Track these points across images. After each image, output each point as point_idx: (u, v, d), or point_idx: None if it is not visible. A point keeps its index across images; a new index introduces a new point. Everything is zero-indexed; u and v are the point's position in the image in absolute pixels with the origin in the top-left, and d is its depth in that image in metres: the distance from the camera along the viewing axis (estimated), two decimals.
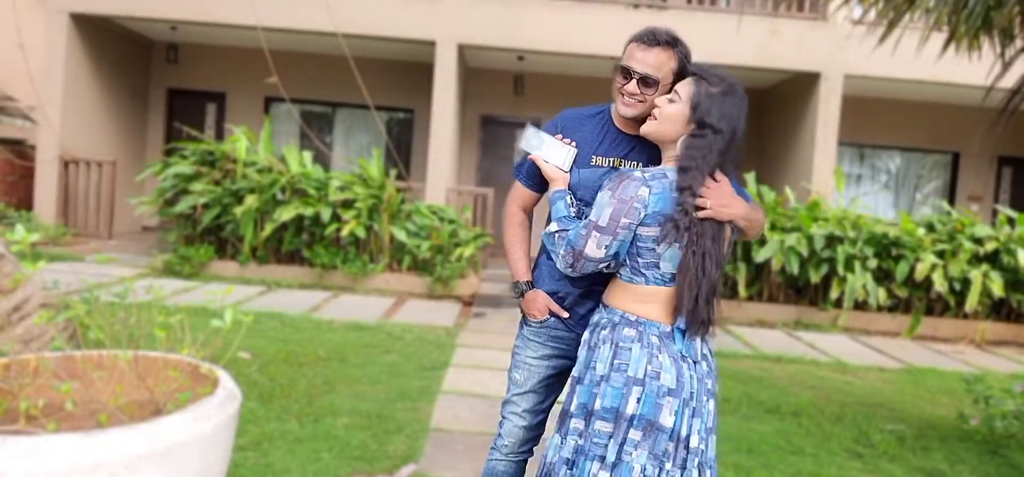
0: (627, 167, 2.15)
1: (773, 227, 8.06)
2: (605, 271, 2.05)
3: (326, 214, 7.93)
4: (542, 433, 2.43)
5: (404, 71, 11.64)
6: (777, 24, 9.57)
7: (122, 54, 11.06)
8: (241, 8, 9.22)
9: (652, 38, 2.10)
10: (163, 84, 12.08)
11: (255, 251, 8.35)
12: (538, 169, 2.24)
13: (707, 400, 2.04)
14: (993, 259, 8.07)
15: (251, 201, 7.96)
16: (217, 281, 7.91)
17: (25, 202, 10.30)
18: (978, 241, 8.13)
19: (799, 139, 10.37)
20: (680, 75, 2.11)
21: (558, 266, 2.08)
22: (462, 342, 6.05)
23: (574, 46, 9.66)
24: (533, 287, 2.31)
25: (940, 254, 8.03)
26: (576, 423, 2.01)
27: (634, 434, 1.92)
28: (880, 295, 7.87)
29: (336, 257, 8.20)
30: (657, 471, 1.93)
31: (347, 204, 8.23)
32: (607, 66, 10.45)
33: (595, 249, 1.96)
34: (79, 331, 3.17)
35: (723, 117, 1.97)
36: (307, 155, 8.68)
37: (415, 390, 4.54)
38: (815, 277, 7.93)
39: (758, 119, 12.09)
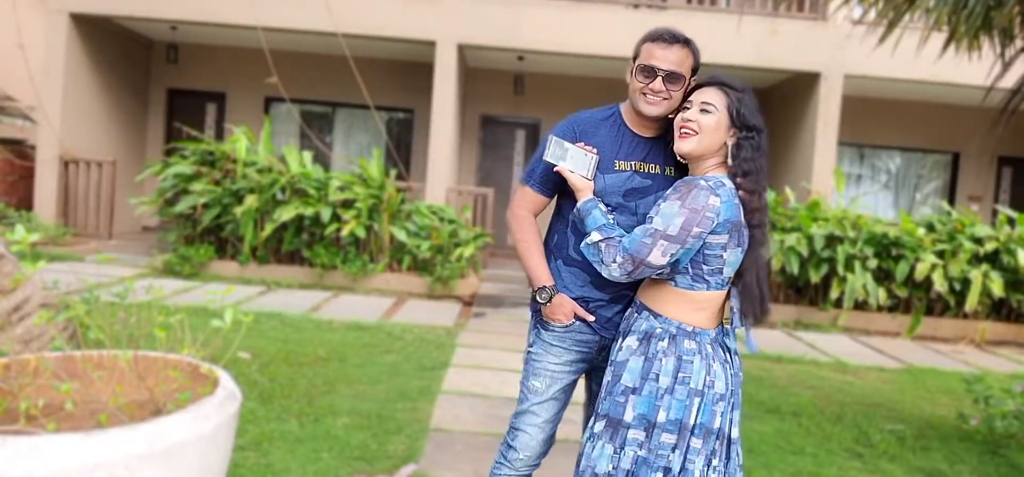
0: (648, 170, 2.16)
1: (773, 227, 8.06)
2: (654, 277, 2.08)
3: (326, 214, 7.93)
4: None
5: (404, 71, 11.64)
6: (777, 24, 9.57)
7: (122, 54, 11.06)
8: (241, 8, 9.22)
9: (672, 37, 2.12)
10: (163, 84, 12.08)
11: (255, 251, 8.35)
12: (553, 174, 2.17)
13: (738, 390, 2.12)
14: (993, 259, 8.07)
15: (251, 201, 7.96)
16: (217, 281, 7.91)
17: (25, 202, 10.30)
18: (978, 241, 8.13)
19: (799, 139, 10.37)
20: (693, 73, 2.14)
21: (606, 274, 2.01)
22: (462, 342, 6.05)
23: (574, 46, 9.66)
24: (557, 292, 2.22)
25: (940, 254, 8.03)
26: (635, 434, 1.98)
27: (695, 442, 1.98)
28: (880, 295, 7.86)
29: (336, 257, 8.20)
30: (706, 468, 2.00)
31: (347, 204, 8.23)
32: (607, 66, 10.46)
33: (660, 257, 1.94)
34: (79, 331, 3.17)
35: (757, 114, 2.04)
36: (307, 155, 8.68)
37: (415, 390, 4.54)
38: (815, 277, 7.93)
39: None
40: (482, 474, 3.36)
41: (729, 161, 2.01)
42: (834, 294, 7.95)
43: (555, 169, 2.13)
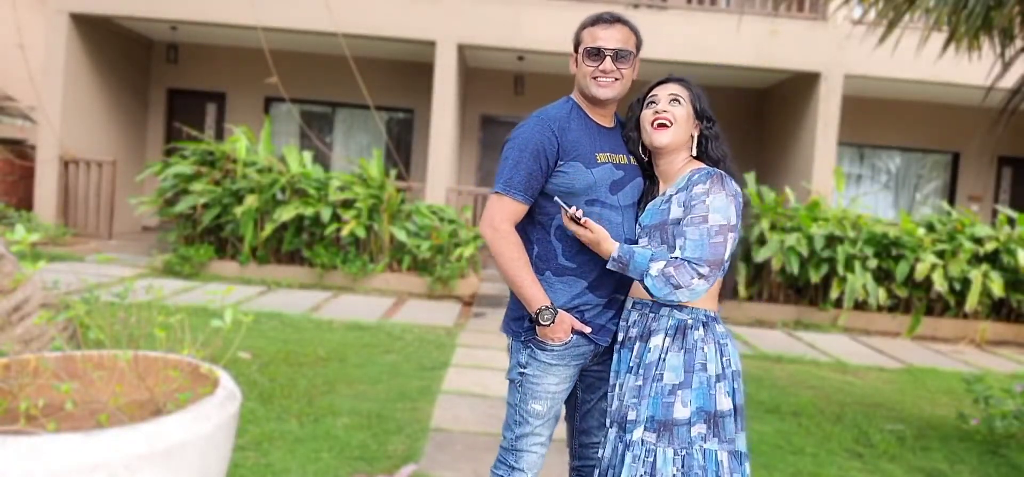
0: (620, 161, 2.15)
1: (773, 227, 8.06)
2: None
3: (326, 214, 7.93)
4: None
5: (404, 71, 11.64)
6: (777, 24, 9.57)
7: (122, 54, 11.06)
8: (241, 8, 9.22)
9: (611, 17, 2.13)
10: (163, 84, 12.08)
11: (255, 251, 8.35)
12: (537, 179, 2.07)
13: None
14: (993, 259, 8.07)
15: (251, 201, 7.96)
16: (217, 281, 7.91)
17: (25, 202, 10.30)
18: (978, 241, 8.13)
19: (799, 139, 10.37)
20: (638, 50, 2.19)
21: (689, 295, 1.92)
22: (462, 342, 6.05)
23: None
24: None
25: (940, 254, 8.03)
26: (698, 429, 1.95)
27: (741, 422, 2.04)
28: (880, 295, 7.86)
29: (336, 257, 8.20)
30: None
31: (347, 204, 8.23)
32: None
33: (729, 250, 1.95)
34: (79, 331, 3.17)
35: (712, 111, 2.12)
36: (307, 155, 8.68)
37: (415, 390, 4.54)
38: (815, 277, 7.93)
39: (758, 119, 12.08)
40: (482, 474, 3.36)
41: (693, 151, 2.08)
42: (834, 294, 7.95)
43: (582, 222, 2.01)
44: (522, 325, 2.16)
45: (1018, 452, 4.16)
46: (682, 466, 1.94)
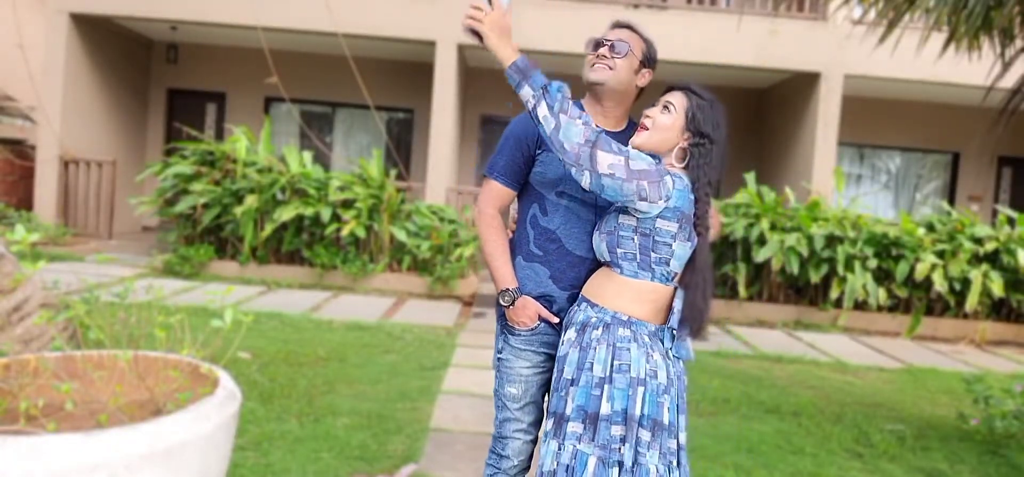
0: None
1: (773, 227, 8.06)
2: (605, 259, 2.06)
3: (326, 214, 7.93)
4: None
5: (404, 71, 11.64)
6: (777, 24, 9.56)
7: (122, 54, 11.06)
8: (241, 8, 9.22)
9: (618, 23, 2.27)
10: (163, 84, 12.08)
11: (255, 251, 8.35)
12: (519, 165, 2.18)
13: (683, 394, 2.09)
14: (993, 259, 8.07)
15: (251, 201, 7.96)
16: (217, 281, 7.91)
17: (25, 202, 10.30)
18: (978, 241, 8.13)
19: (799, 139, 10.37)
20: (647, 61, 2.22)
21: (574, 132, 1.87)
22: (462, 342, 6.05)
23: (573, 46, 9.65)
24: (521, 293, 2.21)
25: (940, 254, 8.03)
26: (574, 427, 1.96)
27: (643, 434, 1.94)
28: (880, 295, 7.86)
29: (336, 257, 8.20)
30: (667, 470, 1.98)
31: (347, 204, 8.23)
32: None
33: (605, 166, 1.86)
34: (79, 331, 3.17)
35: (717, 126, 2.03)
36: (307, 155, 8.68)
37: (415, 390, 4.54)
38: (815, 277, 7.93)
39: (758, 119, 12.08)
40: (482, 474, 3.36)
41: (674, 162, 2.05)
42: (834, 294, 7.95)
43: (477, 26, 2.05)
44: (499, 309, 2.28)
45: (1018, 452, 4.16)
46: (558, 461, 1.98)
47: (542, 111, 1.90)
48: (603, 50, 2.17)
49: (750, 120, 12.02)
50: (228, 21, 9.52)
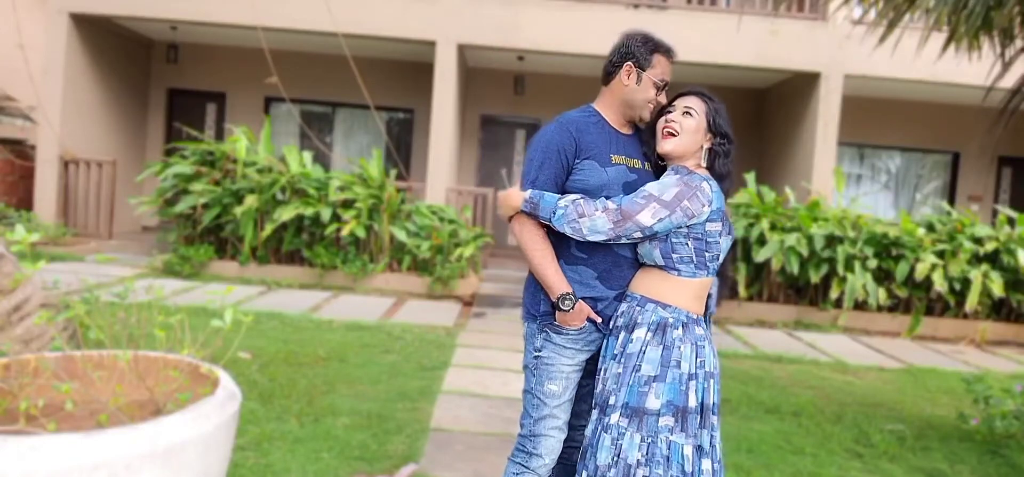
0: (634, 165, 2.29)
1: (773, 227, 8.05)
2: (658, 264, 2.18)
3: (326, 214, 7.93)
4: None
5: (404, 71, 11.64)
6: (777, 24, 9.56)
7: (122, 54, 11.06)
8: (241, 8, 9.22)
9: (673, 53, 2.33)
10: (163, 84, 12.08)
11: (255, 251, 8.35)
12: (560, 177, 2.23)
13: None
14: (993, 259, 8.07)
15: (251, 201, 7.96)
16: (217, 281, 7.91)
17: (25, 202, 10.30)
18: (978, 241, 8.13)
19: (799, 139, 10.36)
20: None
21: (585, 230, 2.10)
22: (462, 342, 6.05)
23: (574, 46, 9.66)
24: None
25: (940, 254, 8.03)
26: (666, 420, 2.08)
27: (713, 419, 2.16)
28: (880, 295, 7.86)
29: (336, 257, 8.20)
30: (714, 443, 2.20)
31: (347, 204, 8.23)
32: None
33: (649, 218, 2.07)
34: (79, 331, 3.17)
35: (730, 125, 2.23)
36: (307, 155, 8.68)
37: (415, 390, 4.54)
38: (815, 277, 7.93)
39: (758, 119, 12.08)
40: (482, 474, 3.36)
41: (703, 163, 2.21)
42: (834, 294, 7.95)
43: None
44: (538, 310, 2.30)
45: (1018, 452, 4.16)
46: (647, 453, 2.07)
47: (566, 229, 2.13)
48: (662, 97, 2.26)
49: (750, 120, 12.02)
50: (228, 21, 9.52)
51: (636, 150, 2.32)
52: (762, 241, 7.97)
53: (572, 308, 2.19)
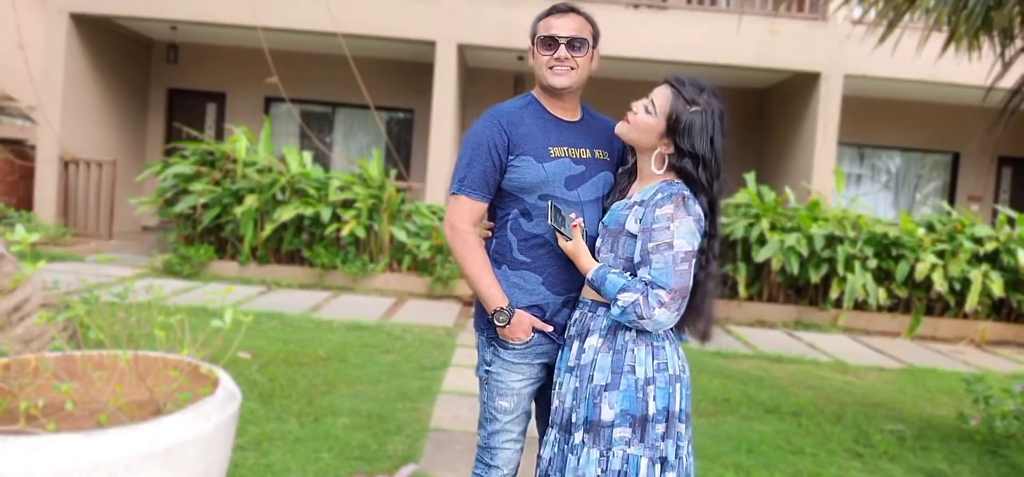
0: (579, 156, 2.11)
1: (773, 227, 8.05)
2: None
3: (326, 214, 7.93)
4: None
5: (404, 71, 11.64)
6: (777, 24, 9.56)
7: (122, 54, 11.06)
8: (241, 8, 9.22)
9: (566, 7, 2.13)
10: (163, 84, 12.08)
11: (255, 251, 8.35)
12: (492, 175, 2.07)
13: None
14: (993, 259, 8.07)
15: (251, 201, 7.96)
16: (217, 281, 7.91)
17: (25, 202, 10.29)
18: (978, 241, 8.13)
19: (799, 139, 10.36)
20: (596, 40, 2.16)
21: (655, 325, 1.88)
22: (462, 342, 6.05)
23: None
24: (515, 308, 2.09)
25: (940, 254, 8.03)
26: (621, 432, 1.91)
27: (680, 428, 1.97)
28: (880, 295, 7.86)
29: (336, 257, 8.20)
30: (686, 455, 2.03)
31: (347, 204, 8.23)
32: (607, 66, 10.45)
33: (684, 275, 1.87)
34: (79, 331, 3.17)
35: (711, 136, 1.93)
36: (307, 155, 8.68)
37: (415, 390, 4.54)
38: (815, 277, 7.93)
39: (758, 119, 12.08)
40: None
41: (654, 168, 1.98)
42: (834, 294, 7.95)
43: (559, 241, 2.02)
44: (486, 321, 2.16)
45: (1018, 452, 4.16)
46: (605, 467, 1.91)
47: (641, 322, 1.89)
48: (562, 52, 2.07)
49: (750, 120, 12.02)
50: (228, 21, 9.52)
51: (585, 138, 2.14)
52: (762, 241, 7.97)
53: (508, 322, 2.05)
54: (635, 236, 1.93)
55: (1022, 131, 8.73)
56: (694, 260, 1.91)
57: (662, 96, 1.95)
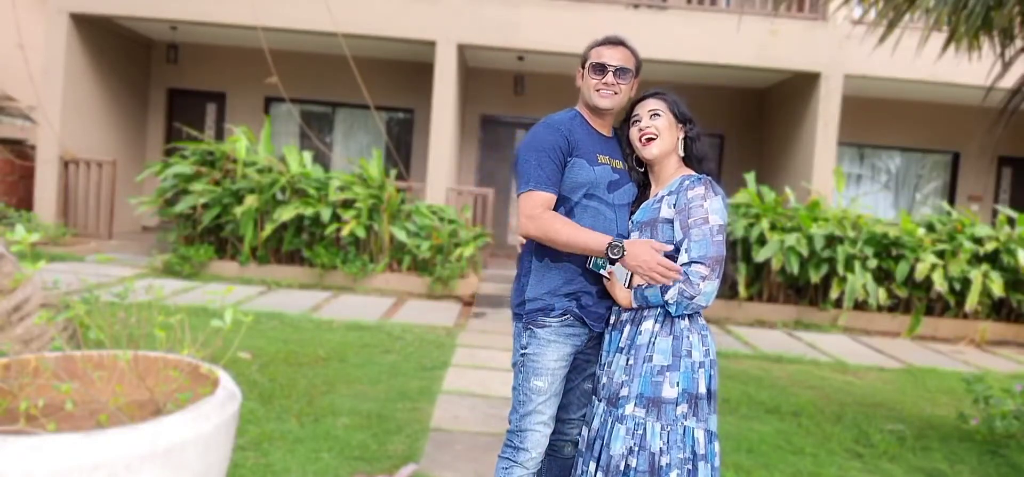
0: (616, 166, 2.38)
1: (773, 227, 8.05)
2: None
3: (326, 214, 7.93)
4: None
5: (404, 71, 11.64)
6: (777, 24, 9.56)
7: (122, 54, 11.06)
8: (241, 8, 9.22)
9: (616, 40, 2.39)
10: (163, 84, 12.08)
11: (255, 251, 8.35)
12: (558, 172, 2.27)
13: None
14: (993, 259, 8.07)
15: (251, 201, 7.96)
16: (217, 281, 7.91)
17: (25, 202, 10.29)
18: (978, 241, 8.13)
19: (799, 139, 10.36)
20: (637, 72, 2.42)
21: (706, 301, 2.14)
22: (462, 342, 6.05)
23: (574, 46, 9.64)
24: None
25: (940, 254, 8.03)
26: (682, 408, 2.14)
27: (715, 404, 2.25)
28: (880, 295, 7.86)
29: (336, 257, 8.20)
30: None
31: (347, 204, 8.23)
32: None
33: (720, 251, 2.16)
34: (79, 331, 3.17)
35: (689, 111, 2.34)
36: (307, 155, 8.68)
37: (415, 390, 4.54)
38: (815, 277, 7.93)
39: (758, 119, 12.08)
40: (483, 474, 3.36)
41: (680, 152, 2.32)
42: (834, 294, 7.95)
43: (606, 278, 2.28)
44: (523, 308, 2.37)
45: (1018, 452, 4.16)
46: (667, 440, 2.13)
47: (684, 310, 2.17)
48: (610, 78, 2.32)
49: (750, 120, 12.02)
50: (228, 21, 9.52)
51: (617, 151, 2.41)
52: (762, 241, 7.97)
53: (623, 251, 2.16)
54: (671, 221, 2.20)
55: (1022, 131, 8.74)
56: (725, 233, 2.19)
57: (654, 102, 2.31)
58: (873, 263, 7.89)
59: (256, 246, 8.31)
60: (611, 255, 2.18)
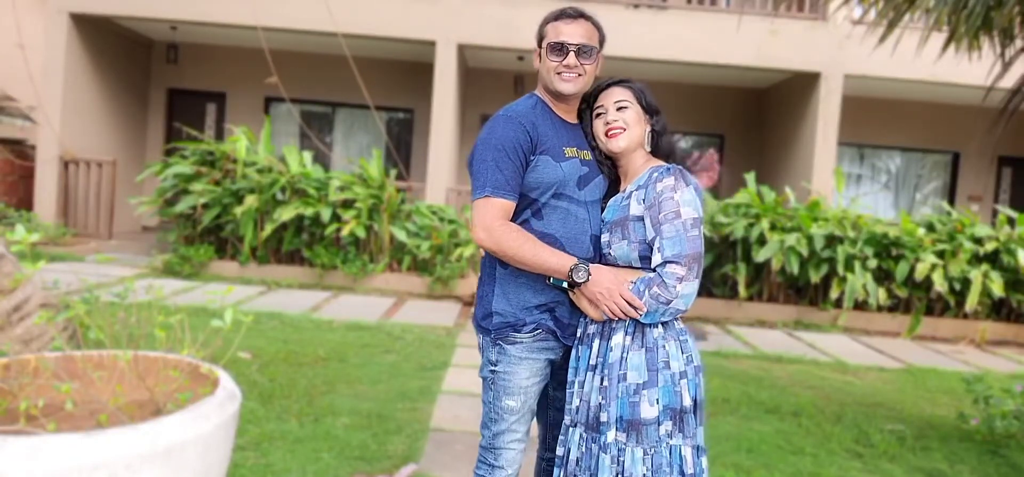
0: (584, 157, 2.16)
1: (773, 227, 8.05)
2: (634, 265, 2.04)
3: (326, 214, 7.93)
4: None
5: (404, 71, 11.64)
6: (777, 24, 9.56)
7: (122, 54, 11.06)
8: (241, 8, 9.22)
9: (575, 12, 2.14)
10: (163, 84, 12.08)
11: (255, 251, 8.35)
12: (519, 175, 2.05)
13: None
14: (993, 259, 8.07)
15: (251, 201, 7.96)
16: (217, 281, 7.91)
17: (25, 202, 10.29)
18: (978, 241, 8.13)
19: (799, 139, 10.37)
20: (601, 46, 2.19)
21: (685, 303, 1.93)
22: (462, 342, 6.05)
23: None
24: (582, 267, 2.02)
25: (940, 254, 8.03)
26: (665, 427, 1.94)
27: (701, 416, 2.04)
28: (880, 295, 7.86)
29: (336, 257, 8.20)
30: None
31: (347, 204, 8.23)
32: (608, 66, 10.39)
33: (698, 244, 1.96)
34: (79, 331, 3.18)
35: (654, 101, 2.15)
36: (307, 155, 8.68)
37: (415, 390, 4.54)
38: (815, 277, 7.93)
39: (758, 119, 12.08)
40: None
41: (647, 146, 2.11)
42: (834, 294, 7.95)
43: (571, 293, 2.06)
44: (490, 323, 2.14)
45: (1018, 452, 4.16)
46: (651, 466, 1.94)
47: (658, 319, 1.97)
48: (571, 59, 2.08)
49: (750, 120, 12.02)
50: (228, 21, 9.52)
51: (584, 141, 2.18)
52: (762, 241, 7.97)
53: (588, 275, 1.98)
54: (641, 218, 2.00)
55: (1022, 131, 8.74)
56: (701, 226, 1.98)
57: (620, 92, 2.11)
58: (873, 263, 7.88)
59: (256, 246, 8.31)
60: (576, 277, 1.99)
